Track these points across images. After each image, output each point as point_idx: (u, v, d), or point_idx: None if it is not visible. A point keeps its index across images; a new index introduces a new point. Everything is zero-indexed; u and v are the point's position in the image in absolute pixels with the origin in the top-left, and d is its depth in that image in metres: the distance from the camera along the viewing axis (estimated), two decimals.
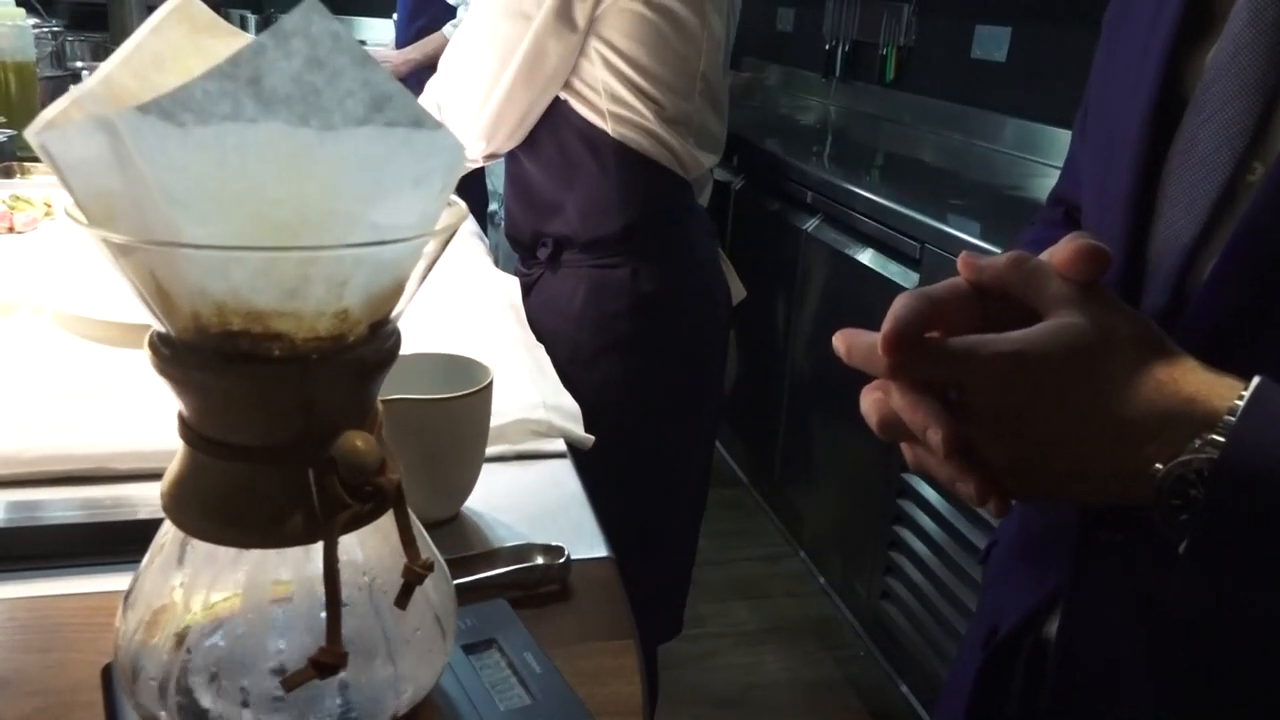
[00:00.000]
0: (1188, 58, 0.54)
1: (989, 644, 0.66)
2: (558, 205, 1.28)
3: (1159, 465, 0.43)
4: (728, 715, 1.93)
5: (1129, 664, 0.57)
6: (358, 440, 0.39)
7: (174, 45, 0.40)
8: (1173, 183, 0.53)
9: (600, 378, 1.27)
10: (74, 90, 0.38)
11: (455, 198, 0.40)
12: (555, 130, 1.25)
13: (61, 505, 0.65)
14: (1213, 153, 0.51)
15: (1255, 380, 0.43)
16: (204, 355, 0.37)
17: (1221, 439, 0.42)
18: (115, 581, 0.44)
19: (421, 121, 0.35)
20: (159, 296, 0.36)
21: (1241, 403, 0.42)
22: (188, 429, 0.39)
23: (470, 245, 1.32)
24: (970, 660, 0.68)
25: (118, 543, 0.59)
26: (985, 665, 0.66)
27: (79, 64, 2.20)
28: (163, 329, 0.38)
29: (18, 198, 1.26)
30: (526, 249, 1.37)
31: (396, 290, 0.39)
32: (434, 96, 1.27)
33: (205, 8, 0.42)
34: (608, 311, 1.28)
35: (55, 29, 2.15)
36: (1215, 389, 0.43)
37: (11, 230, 1.22)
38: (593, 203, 1.26)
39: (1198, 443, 0.42)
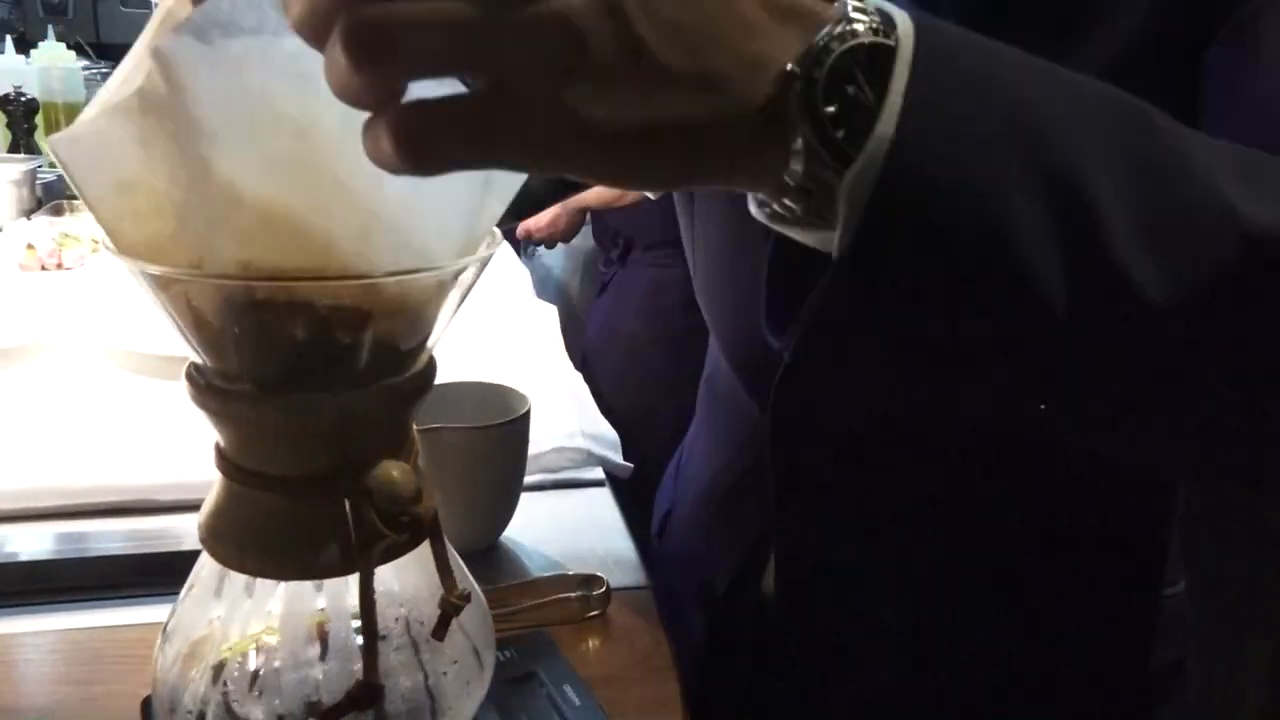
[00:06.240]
0: None
1: (710, 603, 0.69)
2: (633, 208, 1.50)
3: (791, 65, 0.30)
4: None
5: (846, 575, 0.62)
6: (394, 470, 0.39)
7: None
8: None
9: (655, 369, 1.45)
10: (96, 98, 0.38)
11: (496, 230, 0.39)
12: None
13: (108, 536, 0.66)
14: None
15: None
16: (240, 385, 0.37)
17: (877, 18, 0.31)
18: (158, 613, 0.44)
19: None
20: (195, 326, 0.36)
21: None
22: (224, 460, 0.39)
23: (510, 273, 1.32)
24: (693, 622, 0.71)
25: (162, 573, 0.59)
26: (713, 623, 0.69)
27: None
28: (199, 360, 0.38)
29: (66, 235, 1.29)
30: (604, 247, 1.68)
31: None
32: None
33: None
34: (664, 304, 1.48)
35: (105, 70, 2.21)
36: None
37: (60, 267, 1.25)
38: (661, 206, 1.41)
39: (840, 28, 0.30)
